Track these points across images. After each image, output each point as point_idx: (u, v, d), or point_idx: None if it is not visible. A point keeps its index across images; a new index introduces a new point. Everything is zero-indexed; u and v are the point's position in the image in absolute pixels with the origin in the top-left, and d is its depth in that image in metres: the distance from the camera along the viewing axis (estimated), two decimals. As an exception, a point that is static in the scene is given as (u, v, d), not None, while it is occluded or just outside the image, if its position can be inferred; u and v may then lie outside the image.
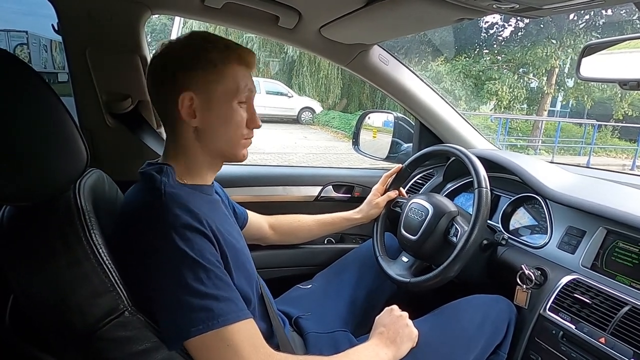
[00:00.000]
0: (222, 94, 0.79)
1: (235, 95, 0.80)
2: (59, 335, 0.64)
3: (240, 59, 0.81)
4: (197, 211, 0.72)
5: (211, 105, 0.79)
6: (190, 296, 0.66)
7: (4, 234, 0.64)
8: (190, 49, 0.79)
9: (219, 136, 0.82)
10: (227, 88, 0.79)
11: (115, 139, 1.21)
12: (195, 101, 0.78)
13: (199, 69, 0.77)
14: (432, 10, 0.96)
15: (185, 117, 0.78)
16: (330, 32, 1.24)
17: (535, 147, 11.43)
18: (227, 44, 0.80)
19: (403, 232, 1.19)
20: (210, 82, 0.78)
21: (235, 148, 0.85)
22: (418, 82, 1.48)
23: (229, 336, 0.67)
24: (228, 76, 0.79)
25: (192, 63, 0.77)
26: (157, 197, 0.72)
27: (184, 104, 0.77)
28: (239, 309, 0.70)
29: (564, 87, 12.84)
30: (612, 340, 0.83)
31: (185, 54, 0.78)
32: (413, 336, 0.92)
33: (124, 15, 1.13)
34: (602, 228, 1.00)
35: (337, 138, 11.27)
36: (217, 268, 0.70)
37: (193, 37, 0.81)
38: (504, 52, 12.89)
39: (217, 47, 0.79)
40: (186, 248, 0.67)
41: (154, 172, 0.77)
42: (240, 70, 0.81)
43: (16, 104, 0.57)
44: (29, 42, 12.06)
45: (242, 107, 0.82)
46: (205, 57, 0.77)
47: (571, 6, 0.85)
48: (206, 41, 0.79)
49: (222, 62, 0.78)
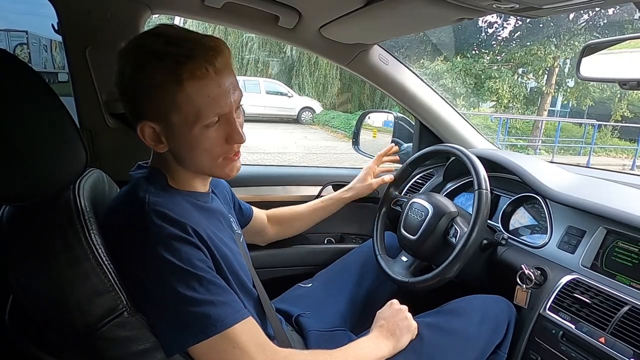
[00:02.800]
0: (182, 122, 0.69)
1: (196, 121, 0.69)
2: (59, 334, 0.64)
3: (193, 75, 0.66)
4: (182, 220, 0.69)
5: (173, 133, 0.71)
6: (185, 305, 0.65)
7: (3, 234, 0.64)
8: (136, 71, 0.67)
9: (192, 160, 0.75)
10: (185, 115, 0.68)
11: (115, 139, 1.21)
12: (156, 129, 0.71)
13: (152, 96, 0.67)
14: (431, 10, 0.96)
15: (150, 144, 0.72)
16: (330, 32, 1.24)
17: (535, 147, 11.43)
18: (178, 55, 0.65)
19: (403, 231, 1.19)
20: (165, 112, 0.68)
21: (215, 169, 0.77)
22: (418, 82, 1.48)
23: (233, 338, 0.67)
24: (181, 102, 0.67)
25: (142, 90, 0.67)
26: (141, 209, 0.69)
27: (144, 133, 0.71)
28: (235, 311, 0.69)
29: (564, 87, 12.84)
30: (612, 339, 0.83)
31: (130, 78, 0.68)
32: (412, 328, 0.92)
33: (124, 15, 1.13)
34: (602, 228, 1.00)
35: (337, 138, 11.27)
36: (209, 273, 0.69)
37: (138, 52, 0.68)
38: (504, 51, 12.89)
39: (165, 65, 0.65)
40: (174, 259, 0.66)
41: (142, 177, 0.75)
42: (198, 88, 0.67)
43: (16, 104, 0.57)
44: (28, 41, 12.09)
45: (211, 128, 0.71)
46: (155, 80, 0.66)
47: (570, 6, 0.85)
48: (154, 57, 0.65)
49: (171, 85, 0.66)
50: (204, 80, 0.67)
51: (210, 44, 0.68)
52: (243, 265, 0.86)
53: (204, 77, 0.67)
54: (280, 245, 1.42)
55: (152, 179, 0.76)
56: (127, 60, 0.68)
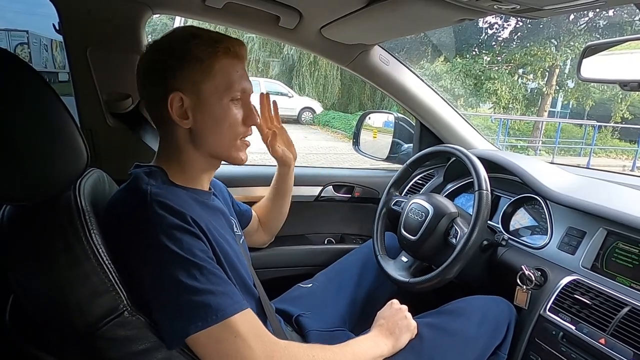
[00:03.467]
0: (213, 92, 0.76)
1: (226, 91, 0.77)
2: (59, 334, 0.64)
3: (228, 51, 0.77)
4: (183, 210, 0.70)
5: (202, 104, 0.76)
6: (186, 294, 0.65)
7: (4, 234, 0.64)
8: (175, 46, 0.76)
9: (213, 137, 0.79)
10: (217, 85, 0.76)
11: (116, 139, 1.21)
12: (185, 101, 0.76)
13: (186, 67, 0.74)
14: (432, 11, 0.96)
15: (176, 118, 0.76)
16: (331, 33, 1.24)
17: (536, 147, 11.43)
18: (213, 37, 0.76)
19: (403, 232, 1.19)
20: (198, 80, 0.75)
21: (231, 150, 0.82)
22: (418, 83, 1.48)
23: (234, 328, 0.67)
24: (217, 71, 0.76)
25: (178, 61, 0.75)
26: (142, 200, 0.70)
27: (173, 105, 0.75)
28: (235, 302, 0.69)
29: (565, 88, 12.84)
30: (612, 341, 0.83)
31: (170, 53, 0.75)
32: (411, 327, 0.93)
33: (124, 15, 1.13)
34: (602, 229, 1.00)
35: (337, 138, 11.25)
36: (209, 263, 0.70)
37: (177, 33, 0.78)
38: (504, 52, 12.90)
39: (203, 42, 0.75)
40: (175, 247, 0.66)
41: (141, 173, 0.76)
42: (230, 63, 0.77)
43: (17, 103, 0.57)
44: (29, 41, 12.08)
45: (235, 104, 0.79)
46: (191, 53, 0.74)
47: (572, 7, 0.85)
48: (192, 36, 0.76)
49: (209, 57, 0.75)
50: (235, 58, 0.78)
51: (234, 37, 0.79)
52: (244, 264, 0.86)
53: (236, 56, 0.78)
54: (280, 245, 1.42)
55: (153, 175, 0.77)
56: (164, 41, 0.78)
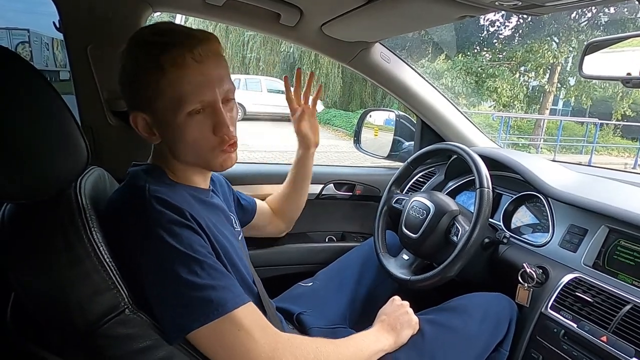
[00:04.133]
0: (166, 110, 0.71)
1: (179, 107, 0.70)
2: (60, 333, 0.64)
3: (174, 62, 0.68)
4: (181, 206, 0.70)
5: (160, 122, 0.73)
6: (187, 289, 0.65)
7: (4, 232, 0.64)
8: (126, 60, 0.71)
9: (185, 151, 0.76)
10: (167, 101, 0.70)
11: (117, 137, 1.21)
12: (147, 119, 0.74)
13: (135, 86, 0.71)
14: (434, 8, 0.96)
15: (144, 135, 0.75)
16: (332, 30, 1.24)
17: (537, 145, 11.41)
18: (160, 45, 0.68)
19: (404, 229, 1.18)
20: (150, 98, 0.70)
21: (208, 161, 0.78)
22: (419, 80, 1.48)
23: (237, 321, 0.66)
24: (165, 87, 0.69)
25: (128, 78, 0.72)
26: (141, 196, 0.70)
27: (138, 124, 0.74)
28: (236, 295, 0.69)
29: (566, 86, 12.80)
30: (614, 338, 0.83)
31: (123, 67, 0.72)
32: (413, 323, 0.93)
33: (125, 13, 1.13)
34: (604, 226, 1.00)
35: (338, 136, 11.25)
36: (209, 258, 0.69)
37: (132, 41, 0.72)
38: (505, 50, 12.86)
39: (149, 55, 0.69)
40: (175, 243, 0.66)
41: (140, 171, 0.76)
42: (179, 75, 0.69)
43: (18, 102, 0.57)
44: (30, 40, 12.08)
45: (194, 117, 0.72)
46: (138, 69, 0.70)
47: (573, 3, 0.85)
48: (138, 46, 0.70)
49: (156, 71, 0.68)
50: (184, 67, 0.69)
51: (195, 34, 0.70)
52: (243, 261, 0.86)
53: (185, 64, 0.68)
54: (281, 243, 1.42)
55: (151, 172, 0.77)
56: (122, 53, 0.72)
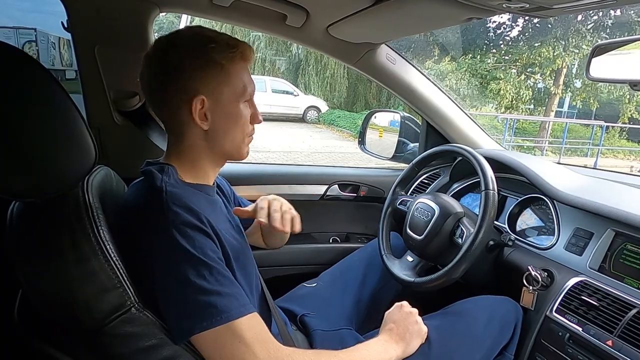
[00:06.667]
0: (231, 95, 0.79)
1: (242, 94, 0.80)
2: (67, 330, 0.65)
3: (243, 56, 0.80)
4: (198, 209, 0.72)
5: (221, 107, 0.79)
6: (194, 293, 0.66)
7: (13, 230, 0.65)
8: (194, 49, 0.76)
9: (227, 136, 0.82)
10: (235, 89, 0.79)
11: (123, 137, 1.21)
12: (205, 104, 0.77)
13: (206, 71, 0.76)
14: (440, 10, 0.95)
15: (198, 120, 0.78)
16: (338, 31, 1.24)
17: (542, 147, 11.35)
18: (229, 42, 0.78)
19: (409, 231, 1.18)
20: (218, 84, 0.77)
21: (240, 147, 0.85)
22: (425, 82, 1.48)
23: (238, 332, 0.67)
24: (235, 76, 0.79)
25: (199, 65, 0.76)
26: (158, 196, 0.71)
27: (195, 108, 0.77)
28: (241, 304, 0.70)
29: (572, 88, 12.73)
30: (620, 343, 0.83)
31: (190, 55, 0.76)
32: (422, 333, 0.92)
33: (132, 13, 1.14)
34: (610, 230, 0.99)
35: (342, 137, 11.25)
36: (219, 264, 0.70)
37: (192, 35, 0.79)
38: (511, 52, 12.81)
39: (221, 46, 0.77)
40: (187, 245, 0.67)
41: (155, 170, 0.77)
42: (243, 67, 0.81)
43: (26, 101, 0.57)
44: (37, 39, 12.17)
45: (246, 105, 0.83)
46: (211, 58, 0.76)
47: (581, 6, 0.84)
48: (209, 40, 0.77)
49: (227, 62, 0.77)
50: (247, 63, 0.82)
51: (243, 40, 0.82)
52: (251, 259, 0.87)
53: (247, 61, 0.81)
54: (285, 244, 1.42)
55: (166, 172, 0.78)
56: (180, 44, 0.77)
